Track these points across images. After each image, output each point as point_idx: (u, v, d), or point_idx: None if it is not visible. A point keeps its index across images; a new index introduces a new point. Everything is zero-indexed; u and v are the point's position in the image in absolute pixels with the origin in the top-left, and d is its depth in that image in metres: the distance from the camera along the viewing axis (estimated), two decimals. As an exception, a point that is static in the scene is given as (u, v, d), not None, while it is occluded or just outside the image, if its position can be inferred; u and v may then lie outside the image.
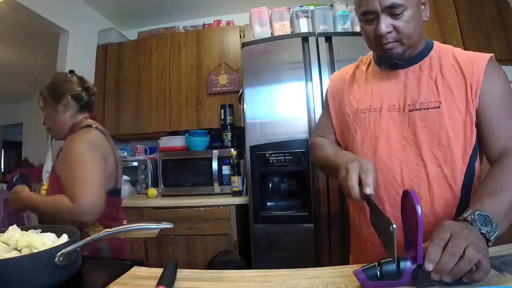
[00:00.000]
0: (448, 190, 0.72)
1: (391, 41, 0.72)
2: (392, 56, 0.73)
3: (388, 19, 0.70)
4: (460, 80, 0.72)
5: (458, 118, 0.71)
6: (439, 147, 0.72)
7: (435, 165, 0.72)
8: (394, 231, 0.46)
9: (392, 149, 0.76)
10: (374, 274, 0.48)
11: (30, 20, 2.24)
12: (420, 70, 0.76)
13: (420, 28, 0.75)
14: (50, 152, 2.26)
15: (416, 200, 0.47)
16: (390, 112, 0.77)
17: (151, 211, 1.99)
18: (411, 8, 0.70)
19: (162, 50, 2.51)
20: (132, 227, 0.59)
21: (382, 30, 0.70)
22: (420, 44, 0.77)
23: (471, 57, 0.74)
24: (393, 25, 0.71)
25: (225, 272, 0.62)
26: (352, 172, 0.63)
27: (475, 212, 0.53)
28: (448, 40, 1.94)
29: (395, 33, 0.71)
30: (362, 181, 0.62)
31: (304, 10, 1.91)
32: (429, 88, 0.74)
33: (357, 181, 0.62)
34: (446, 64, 0.74)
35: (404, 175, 0.74)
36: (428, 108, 0.72)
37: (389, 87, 0.79)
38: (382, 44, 0.73)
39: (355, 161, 0.66)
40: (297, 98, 1.69)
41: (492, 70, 0.71)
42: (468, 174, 0.72)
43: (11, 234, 0.60)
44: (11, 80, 3.98)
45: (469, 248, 0.45)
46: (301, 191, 1.73)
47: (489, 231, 0.51)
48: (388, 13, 0.70)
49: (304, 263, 1.25)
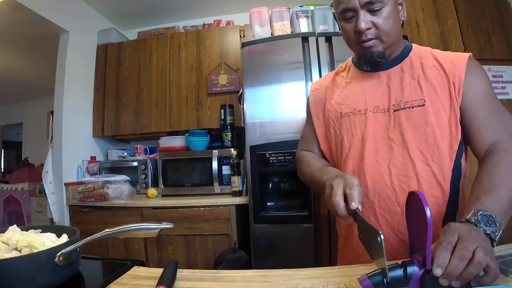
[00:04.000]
0: (437, 188, 0.72)
1: (371, 37, 0.73)
2: (373, 54, 0.74)
3: (367, 15, 0.71)
4: (443, 78, 0.73)
5: (443, 115, 0.72)
6: (426, 145, 0.72)
7: (424, 164, 0.72)
8: (382, 241, 0.44)
9: (379, 151, 0.76)
10: (380, 281, 0.45)
11: (30, 21, 2.24)
12: (401, 71, 0.77)
13: (399, 27, 0.76)
14: (50, 152, 2.27)
15: (424, 201, 0.45)
16: (375, 114, 0.77)
17: (151, 211, 1.99)
18: (389, 5, 0.71)
19: (162, 50, 2.51)
20: (132, 227, 0.59)
21: (361, 26, 0.71)
22: (400, 44, 0.79)
23: (451, 56, 0.75)
24: (372, 21, 0.71)
25: (225, 272, 0.62)
26: (337, 188, 0.62)
27: (478, 213, 0.52)
28: (448, 40, 1.94)
29: (375, 30, 0.72)
30: (347, 196, 0.60)
31: (304, 10, 1.90)
32: (412, 87, 0.75)
33: (342, 197, 0.61)
34: (427, 65, 0.75)
35: (392, 176, 0.74)
36: (413, 107, 0.73)
37: (372, 89, 0.79)
38: (362, 42, 0.73)
39: (339, 177, 0.64)
40: (297, 98, 1.69)
41: (473, 69, 0.72)
42: (455, 171, 0.72)
43: (11, 234, 0.59)
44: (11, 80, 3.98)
45: (478, 251, 0.43)
46: (301, 191, 1.73)
47: (494, 231, 0.50)
48: (367, 10, 0.71)
49: (304, 263, 1.25)
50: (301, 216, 1.68)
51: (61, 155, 2.23)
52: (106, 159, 2.68)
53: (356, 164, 0.79)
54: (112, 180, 2.18)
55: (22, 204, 3.61)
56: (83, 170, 2.39)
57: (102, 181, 2.17)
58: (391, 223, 0.74)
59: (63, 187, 2.21)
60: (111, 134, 2.58)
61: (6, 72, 3.75)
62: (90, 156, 2.52)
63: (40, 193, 3.53)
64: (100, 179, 2.19)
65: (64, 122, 2.26)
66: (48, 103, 2.79)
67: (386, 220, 0.74)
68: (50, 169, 2.23)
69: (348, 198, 0.59)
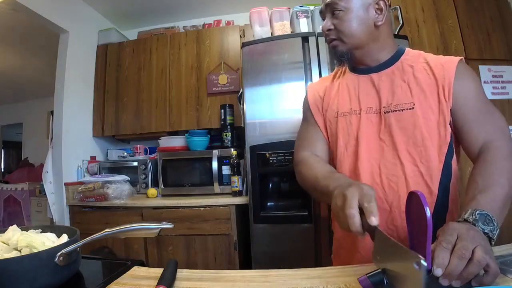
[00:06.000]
0: (425, 188, 0.74)
1: (333, 37, 0.80)
2: (336, 53, 0.82)
3: (330, 17, 0.79)
4: (432, 81, 0.75)
5: (432, 118, 0.74)
6: (414, 147, 0.74)
7: (412, 164, 0.75)
8: (423, 268, 0.36)
9: (371, 151, 0.78)
10: (380, 281, 0.46)
11: (30, 21, 2.24)
12: (393, 73, 0.80)
13: (368, 30, 0.78)
14: (50, 152, 2.27)
15: (424, 202, 0.45)
16: (368, 114, 0.80)
17: (151, 211, 1.99)
18: (354, 9, 0.76)
19: (162, 50, 2.51)
20: (132, 227, 0.59)
21: (323, 27, 0.80)
22: (385, 47, 0.81)
23: (441, 60, 0.77)
24: (334, 23, 0.79)
25: (225, 272, 0.62)
26: (352, 199, 0.53)
27: (475, 212, 0.52)
28: (448, 40, 1.94)
29: (335, 32, 0.79)
30: (364, 210, 0.52)
31: (304, 10, 1.90)
32: (402, 90, 0.77)
33: (357, 209, 0.53)
34: (418, 68, 0.78)
35: (382, 176, 0.76)
36: (403, 110, 0.76)
37: (365, 91, 0.83)
38: (327, 41, 0.82)
39: (354, 186, 0.56)
40: (297, 98, 1.69)
41: (463, 71, 0.74)
42: (444, 172, 0.74)
43: (11, 234, 0.60)
44: (11, 80, 3.98)
45: (478, 250, 0.44)
46: (301, 191, 1.70)
47: (492, 229, 0.51)
48: (330, 12, 0.79)
49: (304, 263, 1.25)
50: (301, 216, 1.67)
51: (61, 155, 2.23)
52: (106, 159, 2.68)
53: (352, 163, 0.81)
54: (112, 180, 2.18)
55: (22, 204, 3.60)
56: (83, 170, 2.39)
57: (102, 181, 2.17)
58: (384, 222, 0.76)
59: (63, 187, 2.21)
60: (111, 134, 2.58)
61: (6, 72, 3.75)
62: (90, 156, 2.52)
63: (40, 193, 3.53)
64: (100, 179, 2.19)
65: (64, 122, 2.26)
66: (48, 103, 2.80)
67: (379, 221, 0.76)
68: (50, 169, 2.23)
69: (366, 212, 0.51)
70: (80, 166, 2.37)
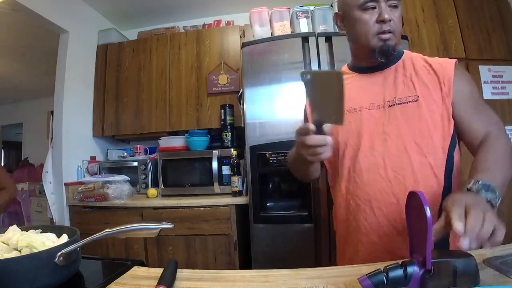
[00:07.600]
0: (433, 178, 0.75)
1: (390, 30, 0.77)
2: (389, 47, 0.78)
3: (389, 9, 0.77)
4: (433, 77, 0.78)
5: (435, 110, 0.76)
6: (421, 137, 0.76)
7: (419, 155, 0.76)
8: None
9: (374, 145, 0.79)
10: (380, 281, 0.46)
11: (30, 21, 2.24)
12: (395, 71, 0.82)
13: None
14: (50, 152, 2.27)
15: (424, 201, 0.45)
16: (369, 110, 0.82)
17: (151, 211, 1.99)
18: (400, 6, 0.78)
19: (162, 50, 2.51)
20: (132, 227, 0.59)
21: (386, 16, 0.75)
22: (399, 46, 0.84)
23: (439, 60, 0.81)
24: (392, 17, 0.77)
25: (225, 272, 0.62)
26: (302, 127, 0.69)
27: (478, 182, 0.57)
28: (448, 40, 1.94)
29: (393, 24, 0.77)
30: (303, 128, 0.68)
31: (304, 10, 1.91)
32: (405, 85, 0.80)
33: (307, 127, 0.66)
34: (418, 65, 0.81)
35: (388, 169, 0.77)
36: (408, 102, 0.78)
37: (367, 88, 0.84)
38: (382, 33, 0.77)
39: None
40: (297, 98, 1.69)
41: (459, 72, 0.78)
42: (448, 163, 0.76)
43: (11, 234, 0.60)
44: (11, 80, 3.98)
45: (486, 212, 0.48)
46: (301, 191, 1.73)
47: (494, 197, 0.55)
48: (387, 3, 0.76)
49: (304, 263, 1.24)
50: (301, 216, 1.68)
51: (61, 155, 2.23)
52: (106, 159, 2.68)
53: (353, 159, 0.82)
54: (112, 180, 2.18)
55: (22, 204, 3.60)
56: (83, 170, 2.39)
57: (102, 181, 2.17)
58: (387, 215, 0.76)
59: (63, 187, 2.21)
60: (111, 134, 2.58)
61: (6, 72, 3.75)
62: (90, 156, 2.52)
63: (40, 193, 3.53)
64: (100, 179, 2.19)
65: (64, 122, 2.26)
66: (48, 103, 2.79)
67: (382, 212, 0.77)
68: (50, 169, 2.23)
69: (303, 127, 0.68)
70: (80, 166, 2.37)
